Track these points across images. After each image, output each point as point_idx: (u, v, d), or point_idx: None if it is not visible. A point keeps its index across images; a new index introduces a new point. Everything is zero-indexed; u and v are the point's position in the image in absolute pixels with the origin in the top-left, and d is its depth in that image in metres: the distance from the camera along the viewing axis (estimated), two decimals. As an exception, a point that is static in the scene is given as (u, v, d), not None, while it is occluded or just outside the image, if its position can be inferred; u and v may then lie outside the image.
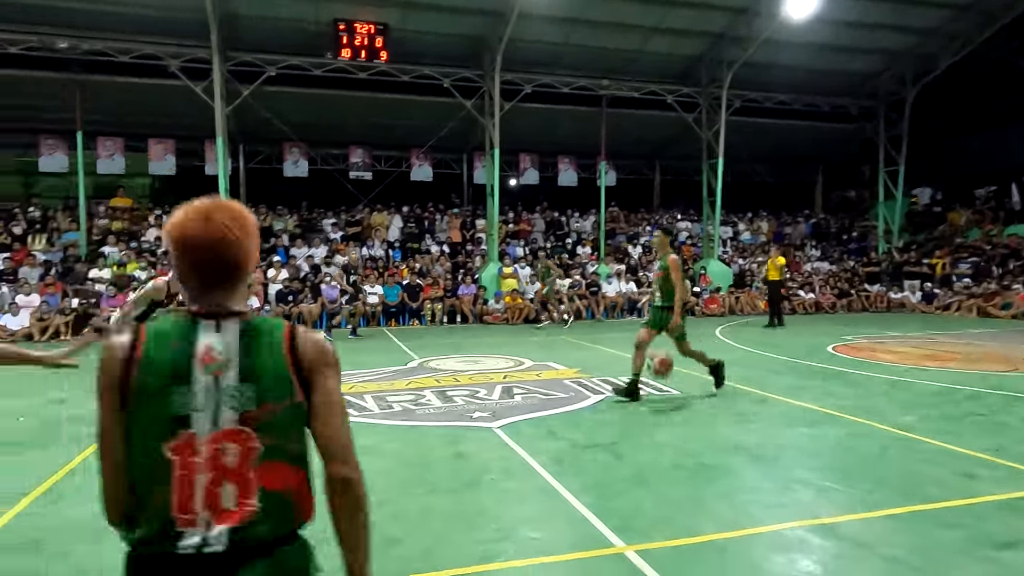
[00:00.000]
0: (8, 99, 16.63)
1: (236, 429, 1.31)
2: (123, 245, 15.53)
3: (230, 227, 1.38)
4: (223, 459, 1.30)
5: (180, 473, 1.28)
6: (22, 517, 3.72)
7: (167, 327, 1.35)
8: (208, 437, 1.29)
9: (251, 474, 1.31)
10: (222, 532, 1.28)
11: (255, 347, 1.35)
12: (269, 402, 1.33)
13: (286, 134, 18.25)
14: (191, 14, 14.12)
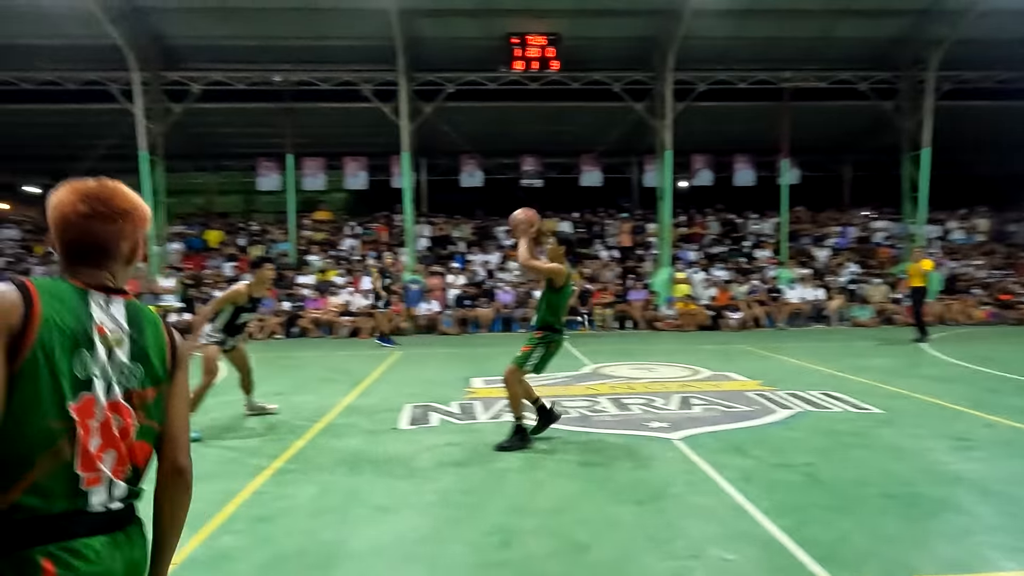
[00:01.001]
0: (234, 128, 19.31)
1: (121, 403, 1.37)
2: (324, 254, 17.29)
3: (103, 208, 1.44)
4: (111, 428, 1.34)
5: (81, 433, 1.29)
6: (253, 498, 4.27)
7: (59, 290, 1.35)
8: (104, 404, 1.33)
9: (124, 448, 1.37)
10: (124, 490, 1.37)
11: (144, 330, 1.43)
12: (150, 386, 1.42)
13: (463, 146, 19.23)
14: (381, 41, 15.40)
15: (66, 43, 15.45)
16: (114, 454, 1.35)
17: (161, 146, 16.46)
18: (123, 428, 1.37)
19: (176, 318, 14.69)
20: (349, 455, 5.09)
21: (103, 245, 1.44)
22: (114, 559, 1.34)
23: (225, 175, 22.28)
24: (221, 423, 6.31)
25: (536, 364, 5.39)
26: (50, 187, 6.39)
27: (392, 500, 4.14)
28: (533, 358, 5.36)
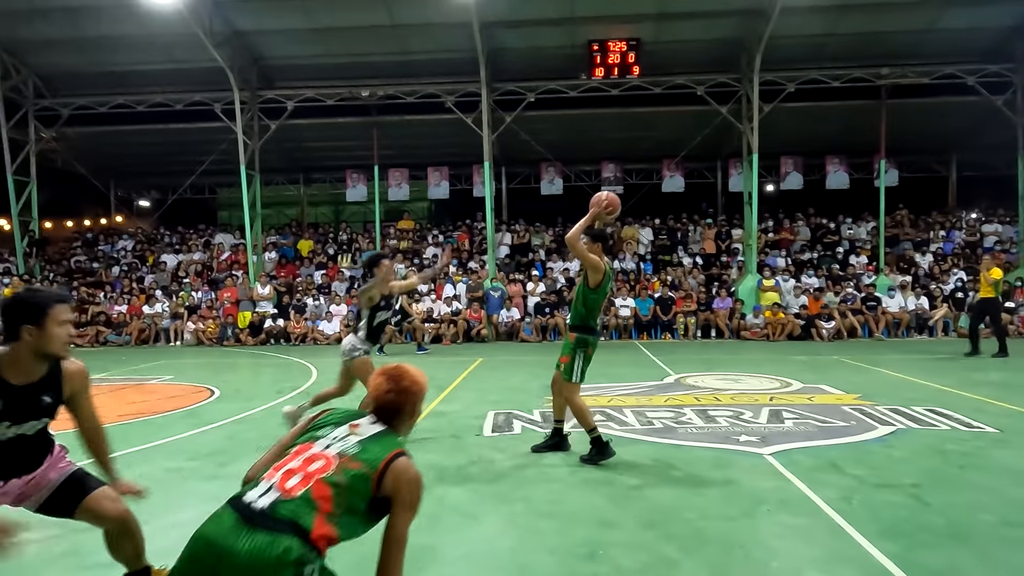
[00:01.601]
0: (324, 142, 20.20)
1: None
2: (408, 262, 17.75)
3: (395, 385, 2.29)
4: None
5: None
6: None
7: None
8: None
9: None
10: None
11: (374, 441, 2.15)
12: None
13: (543, 154, 19.32)
14: (463, 54, 15.74)
15: (175, 68, 16.67)
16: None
17: (258, 160, 17.43)
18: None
19: (271, 323, 15.48)
20: (435, 460, 5.19)
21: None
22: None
23: (316, 187, 23.32)
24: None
25: (582, 373, 5.28)
26: (161, 201, 6.96)
27: (479, 507, 4.19)
28: (578, 368, 5.25)
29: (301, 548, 1.83)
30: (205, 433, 6.38)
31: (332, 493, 1.94)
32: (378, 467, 2.01)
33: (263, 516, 1.85)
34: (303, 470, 1.96)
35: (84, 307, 16.59)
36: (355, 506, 1.99)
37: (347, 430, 2.12)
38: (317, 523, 1.88)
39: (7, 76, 16.86)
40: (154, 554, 3.56)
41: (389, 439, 2.15)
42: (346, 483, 1.96)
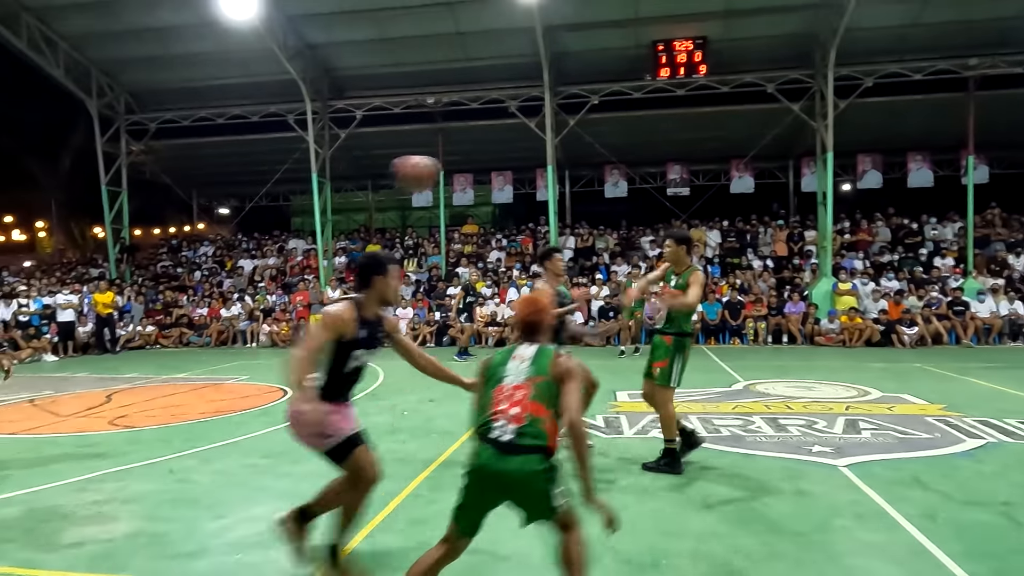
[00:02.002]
0: (391, 149, 20.35)
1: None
2: (472, 266, 17.95)
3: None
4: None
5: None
6: (410, 499, 4.51)
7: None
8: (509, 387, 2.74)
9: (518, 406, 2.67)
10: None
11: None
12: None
13: (606, 157, 19.16)
14: (527, 58, 15.80)
15: (252, 81, 17.43)
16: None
17: (328, 168, 17.99)
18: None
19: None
20: (498, 464, 5.22)
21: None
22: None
23: (383, 193, 23.87)
24: (382, 426, 6.73)
25: (680, 377, 5.17)
26: (239, 209, 7.30)
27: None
28: (676, 372, 5.14)
29: (545, 457, 2.58)
30: (279, 432, 6.61)
31: (541, 404, 2.63)
32: (549, 371, 2.71)
33: (512, 445, 2.57)
34: (515, 403, 2.64)
35: (169, 310, 17.53)
36: (555, 403, 2.67)
37: (516, 363, 2.77)
38: (547, 432, 2.60)
39: (102, 94, 18.05)
40: (231, 545, 3.73)
41: (543, 351, 2.81)
42: (543, 393, 2.66)
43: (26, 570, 3.41)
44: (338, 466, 3.27)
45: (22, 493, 4.71)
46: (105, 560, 3.52)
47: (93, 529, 4.01)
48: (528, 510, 2.66)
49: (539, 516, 2.66)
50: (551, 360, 2.76)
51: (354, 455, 3.24)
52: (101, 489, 4.78)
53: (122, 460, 5.54)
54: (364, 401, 8.29)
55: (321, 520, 3.39)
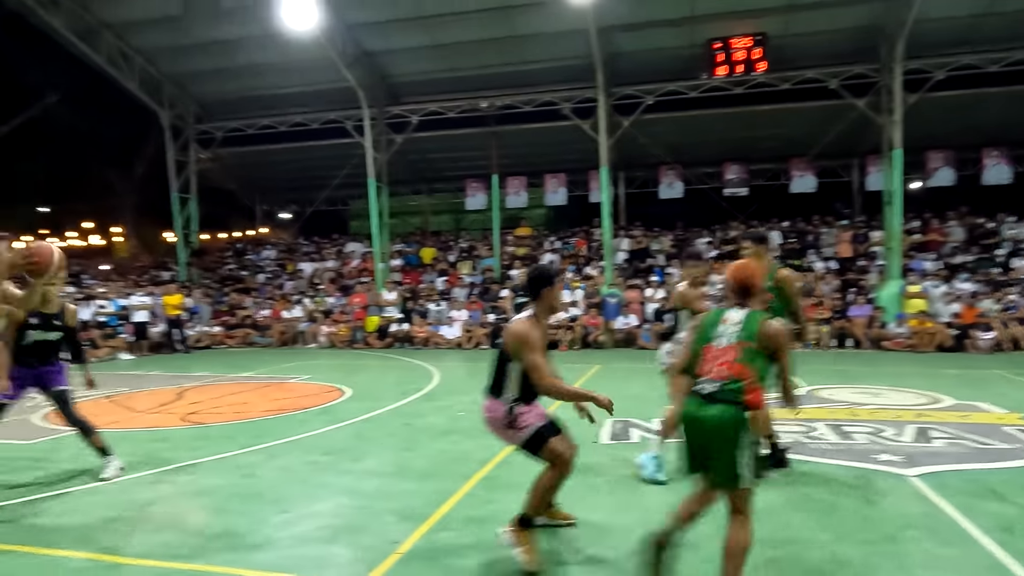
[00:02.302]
0: (445, 153, 20.95)
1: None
2: (526, 269, 17.99)
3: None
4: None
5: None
6: (467, 499, 4.56)
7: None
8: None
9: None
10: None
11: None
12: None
13: (661, 158, 18.92)
14: (580, 60, 15.77)
15: (311, 89, 17.96)
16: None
17: (385, 173, 18.36)
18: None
19: (396, 327, 16.22)
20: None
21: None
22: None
23: (437, 197, 24.20)
24: (437, 427, 6.83)
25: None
26: (299, 214, 7.56)
27: (602, 515, 4.18)
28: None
29: (739, 410, 2.89)
30: (338, 430, 6.80)
31: (745, 367, 2.95)
32: (757, 335, 3.00)
33: (713, 396, 2.95)
34: (722, 362, 2.99)
35: (234, 311, 18.22)
36: (760, 366, 2.98)
37: (725, 326, 3.08)
38: (746, 390, 2.91)
39: (173, 105, 18.93)
40: (295, 539, 3.85)
41: (752, 315, 3.09)
42: (748, 357, 2.97)
43: (109, 557, 3.62)
44: (534, 456, 3.61)
45: (103, 484, 4.98)
46: (180, 549, 3.70)
47: (167, 520, 4.22)
48: (718, 469, 2.96)
49: (724, 481, 2.95)
50: (760, 326, 3.03)
51: (548, 444, 3.57)
52: (175, 482, 5.02)
53: (193, 455, 5.79)
54: (419, 402, 8.44)
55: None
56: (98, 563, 3.55)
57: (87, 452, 6.13)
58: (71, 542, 3.80)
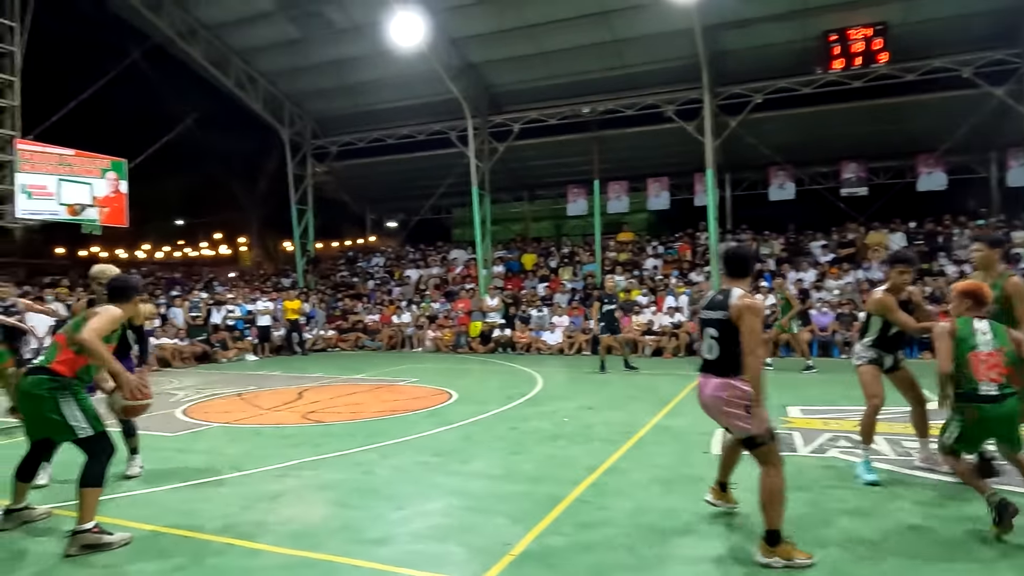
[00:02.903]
0: (546, 160, 21.09)
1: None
2: (628, 274, 17.76)
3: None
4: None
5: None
6: (576, 504, 4.56)
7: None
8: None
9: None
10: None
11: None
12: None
13: (771, 158, 18.15)
14: (684, 61, 15.45)
15: (417, 102, 18.67)
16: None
17: (487, 181, 18.74)
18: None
19: (499, 332, 16.48)
20: (662, 474, 5.14)
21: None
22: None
23: (538, 203, 24.39)
24: (543, 431, 6.88)
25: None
26: (406, 222, 7.99)
27: (708, 526, 4.07)
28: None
29: (1018, 400, 3.78)
30: (447, 432, 7.00)
31: (1011, 368, 3.78)
32: (1008, 341, 3.87)
33: (999, 396, 3.75)
34: (992, 366, 3.77)
35: (346, 316, 19.17)
36: (1017, 366, 3.84)
37: (981, 335, 3.84)
38: (1016, 386, 3.76)
39: (292, 122, 20.25)
40: (411, 535, 4.00)
41: (996, 325, 3.93)
42: (1011, 360, 3.81)
43: (247, 543, 3.91)
44: (751, 449, 3.62)
45: (238, 475, 5.39)
46: (305, 539, 3.94)
47: (294, 511, 4.51)
48: (1007, 440, 3.86)
49: (1012, 444, 3.86)
50: (1007, 333, 3.90)
51: (772, 444, 3.58)
52: (299, 476, 5.35)
53: (314, 451, 6.15)
54: (524, 407, 8.52)
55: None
56: (238, 548, 3.84)
57: (222, 445, 6.63)
58: (213, 527, 4.14)
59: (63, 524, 4.16)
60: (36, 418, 4.03)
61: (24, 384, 4.06)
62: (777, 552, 3.39)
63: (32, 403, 4.00)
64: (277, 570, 3.54)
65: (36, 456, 4.29)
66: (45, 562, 3.70)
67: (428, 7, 14.49)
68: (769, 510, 3.46)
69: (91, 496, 3.87)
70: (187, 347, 14.86)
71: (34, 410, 4.00)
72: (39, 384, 3.98)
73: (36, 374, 4.05)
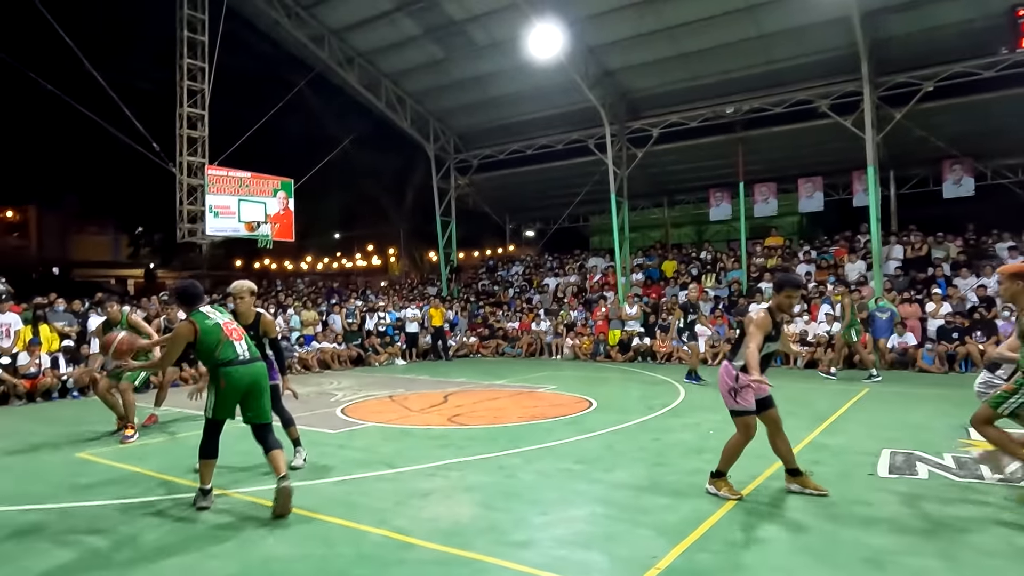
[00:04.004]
0: (687, 164, 20.48)
1: None
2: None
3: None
4: None
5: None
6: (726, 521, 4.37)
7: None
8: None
9: None
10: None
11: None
12: None
13: (945, 151, 16.36)
14: (839, 51, 14.41)
15: (555, 112, 18.92)
16: None
17: (625, 188, 18.53)
18: None
19: (638, 341, 16.19)
20: (820, 496, 4.78)
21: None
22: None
23: (679, 209, 23.73)
24: (689, 443, 6.66)
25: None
26: (544, 231, 8.41)
27: (883, 556, 3.72)
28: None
29: None
30: (588, 440, 6.98)
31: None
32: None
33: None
34: None
35: (487, 323, 19.73)
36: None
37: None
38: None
39: (436, 138, 21.28)
40: (555, 540, 4.04)
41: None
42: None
43: (401, 536, 4.14)
44: (734, 419, 4.79)
45: (391, 472, 5.73)
46: (454, 537, 4.09)
47: (443, 509, 4.70)
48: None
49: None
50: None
51: (746, 418, 4.73)
52: (447, 476, 5.58)
53: (460, 452, 6.38)
54: (666, 417, 8.31)
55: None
56: (392, 540, 4.08)
57: (376, 443, 7.07)
58: (369, 520, 4.43)
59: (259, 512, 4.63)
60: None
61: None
62: (716, 484, 4.82)
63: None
64: (431, 565, 3.71)
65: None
66: (249, 535, 4.15)
67: (565, 18, 14.63)
68: (724, 457, 4.82)
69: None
70: (344, 351, 16.01)
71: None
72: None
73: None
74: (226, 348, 4.75)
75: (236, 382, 4.69)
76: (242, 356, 4.77)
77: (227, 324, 4.88)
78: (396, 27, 16.80)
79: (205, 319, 4.81)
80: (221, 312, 5.01)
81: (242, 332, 4.96)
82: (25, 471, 6.16)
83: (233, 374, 4.69)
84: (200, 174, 15.53)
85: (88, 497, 5.16)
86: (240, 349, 4.80)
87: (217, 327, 4.80)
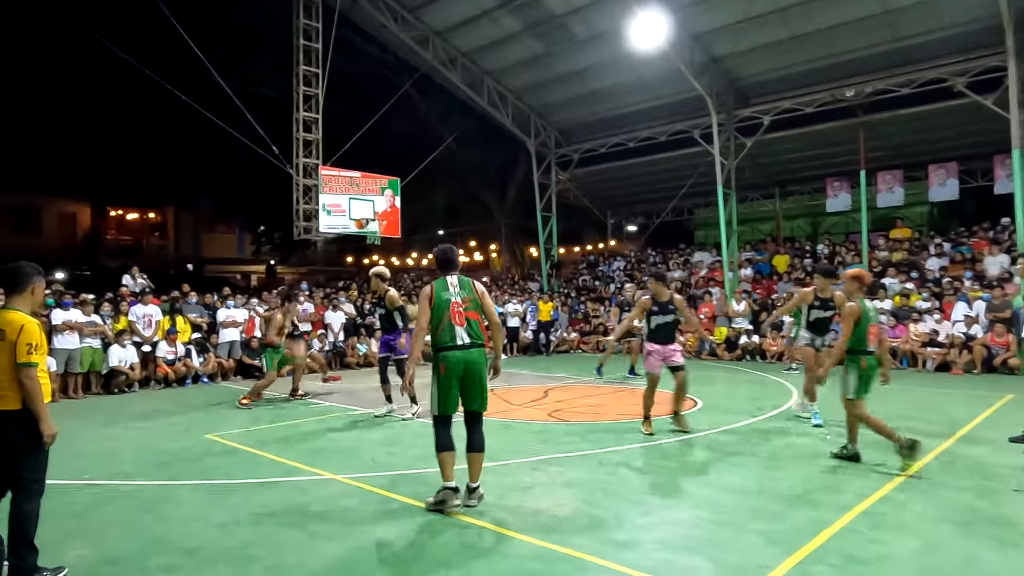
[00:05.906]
0: (801, 152, 19.35)
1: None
2: (904, 276, 15.50)
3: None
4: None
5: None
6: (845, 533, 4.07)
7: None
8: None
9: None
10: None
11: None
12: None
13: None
14: (978, 23, 13.14)
15: (659, 103, 18.42)
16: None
17: (733, 179, 17.75)
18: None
19: (746, 339, 15.51)
20: (958, 510, 4.36)
21: None
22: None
23: (791, 200, 22.49)
24: (802, 448, 6.28)
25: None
26: (646, 225, 8.33)
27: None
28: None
29: None
30: (693, 440, 6.75)
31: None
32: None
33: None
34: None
35: (588, 319, 19.56)
36: None
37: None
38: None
39: (537, 134, 21.29)
40: (657, 543, 3.92)
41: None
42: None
43: (500, 528, 4.16)
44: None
45: (493, 465, 5.76)
46: (553, 533, 4.07)
47: (544, 504, 4.68)
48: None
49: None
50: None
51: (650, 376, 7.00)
52: (548, 471, 5.56)
53: (561, 448, 6.35)
54: (777, 419, 7.88)
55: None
56: (491, 532, 4.11)
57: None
58: (471, 511, 4.48)
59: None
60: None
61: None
62: (645, 425, 6.85)
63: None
64: (532, 560, 3.70)
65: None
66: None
67: (669, 5, 14.17)
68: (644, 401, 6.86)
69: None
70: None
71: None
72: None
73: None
74: (445, 331, 4.61)
75: (450, 369, 4.56)
76: (460, 342, 4.59)
77: (456, 305, 4.63)
78: (497, 24, 16.93)
79: (443, 291, 4.67)
80: (464, 288, 4.73)
81: (465, 317, 4.66)
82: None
83: (450, 358, 4.58)
84: (314, 174, 16.37)
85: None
86: (459, 334, 4.60)
87: (447, 303, 4.63)
